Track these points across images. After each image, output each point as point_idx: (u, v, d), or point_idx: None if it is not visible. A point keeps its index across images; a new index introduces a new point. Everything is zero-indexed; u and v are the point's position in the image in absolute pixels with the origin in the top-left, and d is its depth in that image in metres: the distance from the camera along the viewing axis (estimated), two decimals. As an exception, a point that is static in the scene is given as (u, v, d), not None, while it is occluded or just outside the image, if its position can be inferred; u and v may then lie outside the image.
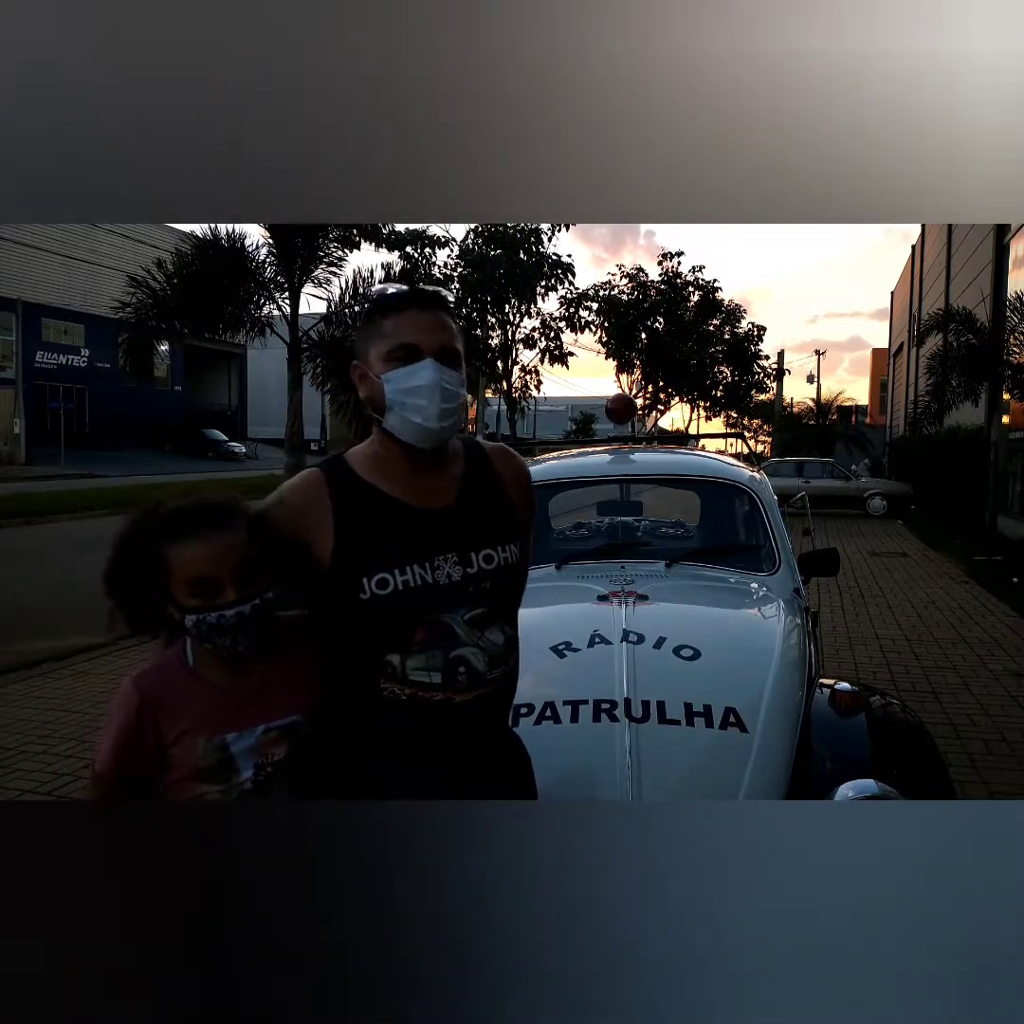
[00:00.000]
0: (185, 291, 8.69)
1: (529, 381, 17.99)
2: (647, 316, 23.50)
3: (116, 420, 32.15)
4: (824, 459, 20.72)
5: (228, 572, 1.20)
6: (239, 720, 1.26)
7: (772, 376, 26.80)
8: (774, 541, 2.95)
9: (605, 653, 2.10)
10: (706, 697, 1.95)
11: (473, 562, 1.35)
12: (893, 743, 2.12)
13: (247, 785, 1.26)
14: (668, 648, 2.13)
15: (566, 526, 3.69)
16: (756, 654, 2.22)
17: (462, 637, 1.32)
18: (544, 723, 1.93)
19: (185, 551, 1.20)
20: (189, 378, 37.79)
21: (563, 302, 18.46)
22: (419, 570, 1.30)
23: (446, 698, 1.30)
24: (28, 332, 30.11)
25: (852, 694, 2.10)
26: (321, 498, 1.33)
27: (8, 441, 28.15)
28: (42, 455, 27.78)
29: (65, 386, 32.03)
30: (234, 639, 1.21)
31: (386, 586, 1.28)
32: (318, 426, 33.66)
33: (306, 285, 9.31)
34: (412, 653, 1.29)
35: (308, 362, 9.39)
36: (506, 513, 1.44)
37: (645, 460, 3.53)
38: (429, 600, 1.30)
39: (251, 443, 38.58)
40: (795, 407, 34.48)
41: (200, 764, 1.24)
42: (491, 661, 1.34)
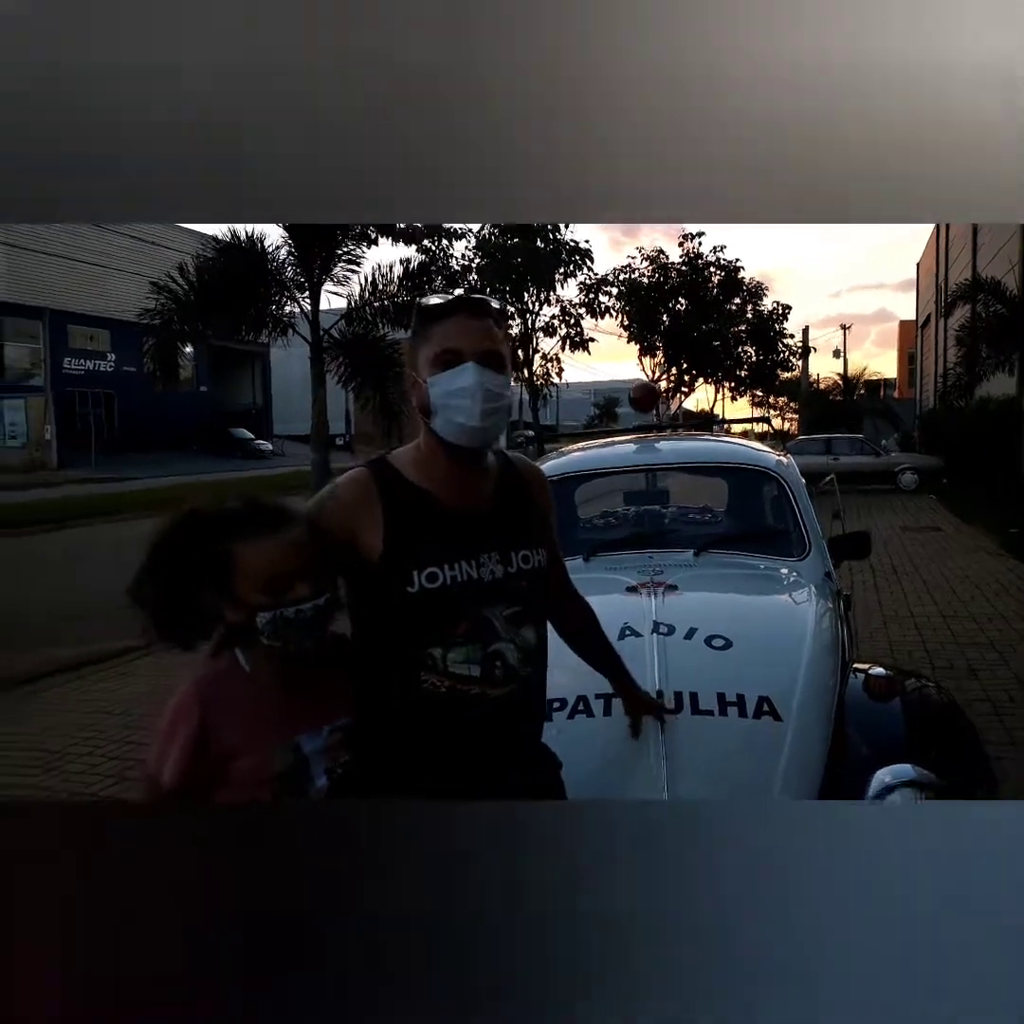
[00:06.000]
0: (207, 294, 8.77)
1: (550, 369, 17.92)
2: (668, 298, 23.28)
3: (144, 423, 32.53)
4: (853, 435, 20.46)
5: (300, 568, 1.22)
6: (306, 722, 1.28)
7: (797, 354, 26.44)
8: (803, 526, 2.93)
9: (636, 645, 2.10)
10: (739, 687, 1.95)
11: (513, 562, 1.41)
12: (929, 726, 2.11)
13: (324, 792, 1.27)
14: (699, 638, 2.13)
15: (592, 515, 3.70)
16: (788, 641, 2.21)
17: (500, 632, 1.38)
18: (577, 717, 1.94)
19: (256, 548, 1.21)
20: (214, 378, 38.13)
21: (582, 288, 18.38)
22: (466, 567, 1.36)
23: (481, 692, 1.35)
24: (55, 339, 30.57)
25: (887, 679, 2.09)
26: (370, 495, 1.38)
27: (40, 448, 28.63)
28: (73, 460, 28.22)
29: (93, 391, 32.47)
30: (308, 634, 1.23)
31: (435, 580, 1.34)
32: (343, 420, 33.82)
33: (326, 283, 9.37)
34: (453, 646, 1.34)
35: (331, 360, 9.44)
36: (537, 517, 1.52)
37: (670, 448, 3.52)
38: (474, 596, 1.36)
39: (277, 440, 38.88)
40: (821, 383, 34.05)
41: (277, 768, 1.24)
42: (524, 658, 1.40)
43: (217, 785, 1.23)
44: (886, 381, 40.51)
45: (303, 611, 1.22)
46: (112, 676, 5.73)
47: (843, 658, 2.29)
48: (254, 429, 39.24)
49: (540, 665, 1.45)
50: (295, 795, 1.25)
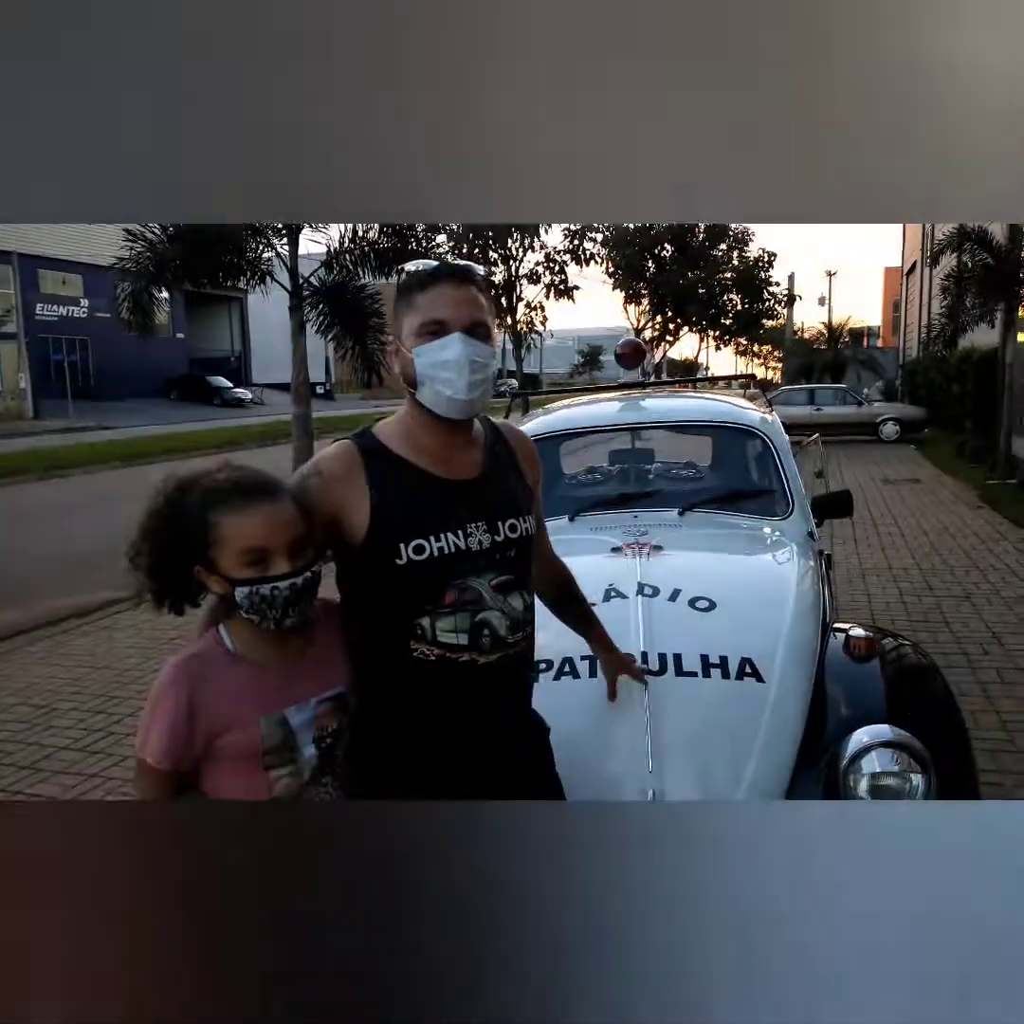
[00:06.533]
0: (182, 240, 8.55)
1: (534, 317, 17.71)
2: (654, 244, 22.98)
3: (120, 370, 31.96)
4: (836, 385, 20.48)
5: (282, 543, 1.22)
6: (293, 695, 1.28)
7: (783, 303, 26.26)
8: (787, 485, 2.94)
9: (621, 607, 2.12)
10: (722, 648, 1.98)
11: (500, 531, 1.42)
12: (907, 687, 2.16)
13: (313, 762, 1.29)
14: (683, 600, 2.15)
15: (578, 471, 3.70)
16: (771, 602, 2.24)
17: (488, 601, 1.39)
18: (563, 678, 1.97)
19: (240, 520, 1.21)
20: (191, 325, 37.42)
21: (567, 235, 18.07)
22: (453, 537, 1.37)
23: (470, 659, 1.37)
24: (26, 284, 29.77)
25: (866, 640, 2.12)
26: (356, 469, 1.37)
27: (14, 396, 28.12)
28: (49, 409, 27.75)
29: (67, 338, 31.81)
30: (284, 612, 1.22)
31: (422, 552, 1.35)
32: (322, 369, 33.40)
33: (304, 229, 9.14)
34: (441, 616, 1.36)
35: (311, 309, 9.26)
36: (524, 485, 1.53)
37: (655, 406, 3.50)
38: (461, 566, 1.38)
39: (256, 389, 38.36)
40: (805, 332, 33.92)
41: (265, 744, 1.24)
42: (512, 626, 1.42)
43: (205, 763, 1.24)
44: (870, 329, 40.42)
45: (279, 588, 1.21)
46: (95, 630, 5.73)
47: (824, 618, 2.33)
48: (232, 377, 38.66)
49: (528, 632, 1.47)
50: (283, 767, 1.26)
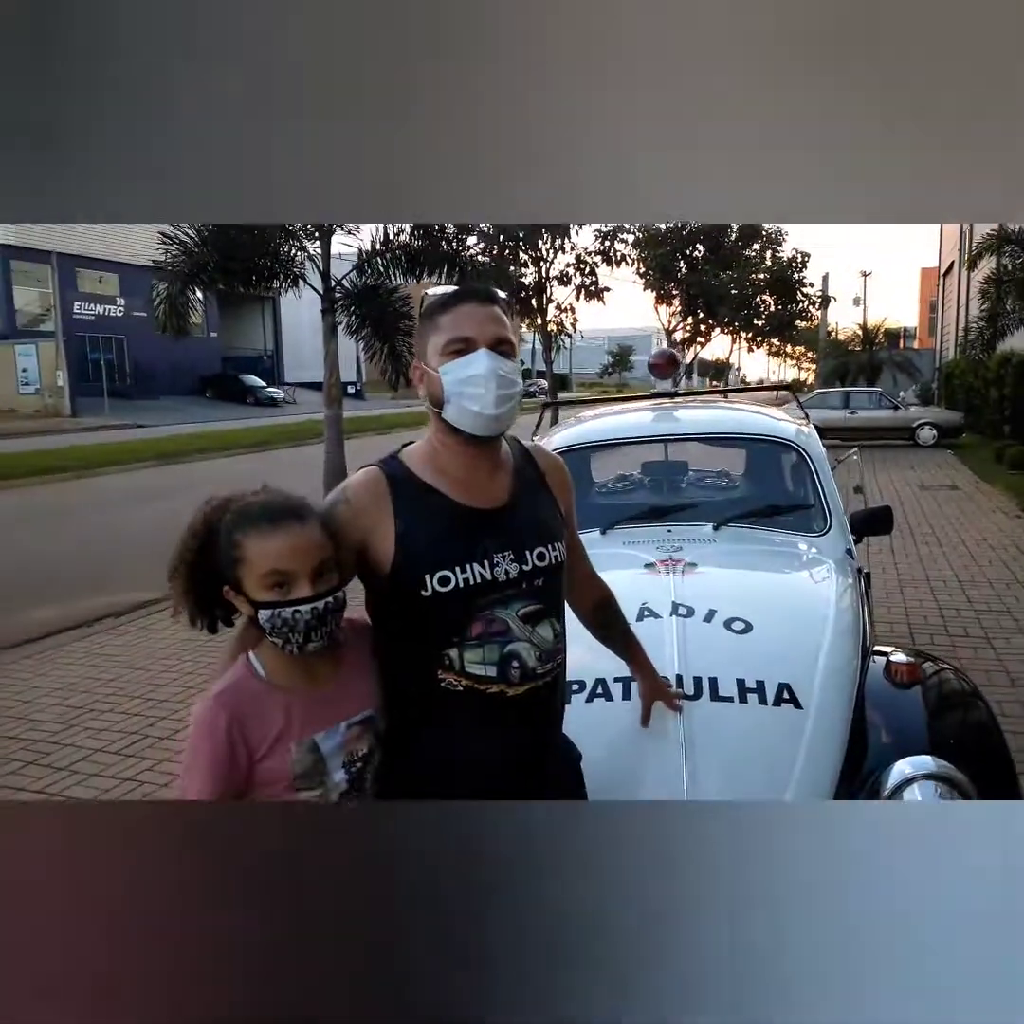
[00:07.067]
0: (216, 244, 8.63)
1: (564, 319, 17.61)
2: (686, 245, 22.76)
3: (155, 369, 32.44)
4: (871, 389, 20.18)
5: (306, 566, 1.22)
6: (323, 719, 1.28)
7: (817, 304, 25.89)
8: (824, 499, 2.89)
9: (655, 627, 2.09)
10: (759, 672, 1.94)
11: (528, 560, 1.40)
12: (949, 716, 2.10)
13: (343, 786, 1.29)
14: (719, 621, 2.12)
15: (609, 478, 3.66)
16: (809, 624, 2.20)
17: (516, 632, 1.37)
18: (596, 700, 1.94)
19: (265, 541, 1.21)
20: (224, 324, 37.85)
21: (598, 236, 17.94)
22: (479, 568, 1.35)
23: (499, 691, 1.35)
24: (64, 283, 30.28)
25: (908, 666, 2.07)
26: (382, 497, 1.36)
27: (52, 394, 28.61)
28: (86, 406, 28.20)
29: (104, 336, 32.32)
30: (306, 636, 1.22)
31: (448, 583, 1.33)
32: (353, 369, 33.61)
33: (336, 232, 9.18)
34: (469, 646, 1.34)
35: (342, 311, 9.30)
36: (554, 511, 1.50)
37: (688, 417, 3.46)
38: (487, 597, 1.35)
39: (288, 388, 38.71)
40: (839, 333, 33.47)
41: (295, 770, 1.25)
42: (542, 656, 1.40)
43: (240, 792, 1.25)
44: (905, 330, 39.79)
45: (300, 612, 1.21)
46: (134, 628, 5.79)
47: (864, 641, 2.27)
48: (265, 376, 39.04)
49: (559, 661, 1.45)
50: (312, 791, 1.26)
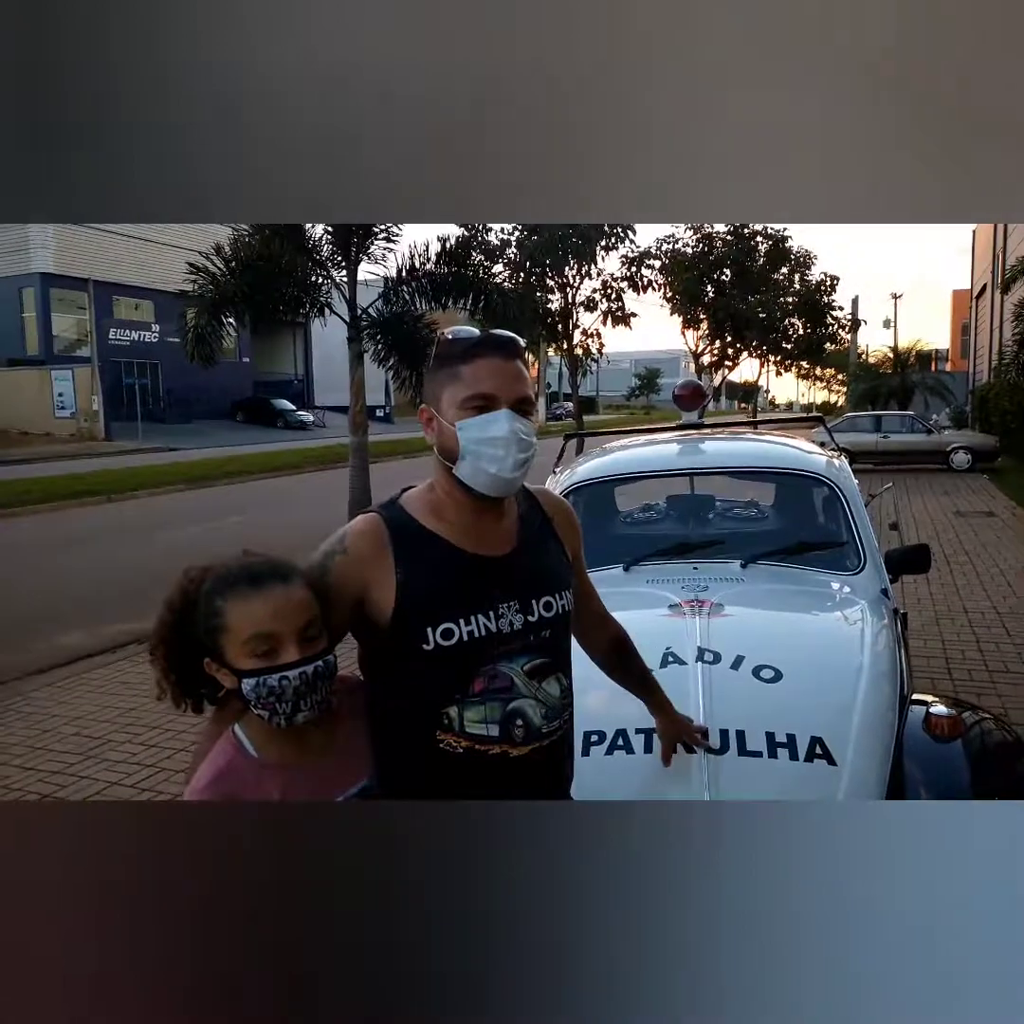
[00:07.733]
0: (244, 274, 8.73)
1: (591, 345, 17.58)
2: (714, 269, 22.72)
3: (188, 393, 32.96)
4: (904, 412, 19.92)
5: (292, 628, 1.15)
6: (319, 794, 1.21)
7: (847, 328, 25.64)
8: (858, 536, 2.77)
9: (679, 675, 2.00)
10: (789, 725, 1.84)
11: (534, 610, 1.33)
12: (992, 770, 1.98)
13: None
14: (747, 669, 2.02)
15: (633, 508, 3.58)
16: (842, 672, 2.09)
17: (520, 688, 1.30)
18: (616, 753, 1.85)
19: (247, 604, 1.14)
20: (256, 348, 38.45)
21: (624, 261, 17.96)
22: (483, 619, 1.28)
23: (502, 752, 1.28)
24: (100, 310, 30.97)
25: (950, 719, 1.95)
26: (382, 546, 1.29)
27: (88, 418, 29.15)
28: (121, 431, 28.69)
29: (139, 362, 32.94)
30: (295, 706, 1.15)
31: (451, 636, 1.26)
32: (382, 392, 33.91)
33: (362, 262, 9.26)
34: (470, 704, 1.27)
35: (368, 340, 9.35)
36: (561, 558, 1.44)
37: (715, 450, 3.37)
38: (492, 650, 1.29)
39: (319, 411, 39.14)
40: (870, 356, 33.15)
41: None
42: (547, 714, 1.33)
43: None
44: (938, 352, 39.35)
45: (287, 678, 1.14)
46: (153, 658, 5.78)
47: (901, 689, 2.16)
48: (296, 400, 39.51)
49: (566, 718, 1.38)
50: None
